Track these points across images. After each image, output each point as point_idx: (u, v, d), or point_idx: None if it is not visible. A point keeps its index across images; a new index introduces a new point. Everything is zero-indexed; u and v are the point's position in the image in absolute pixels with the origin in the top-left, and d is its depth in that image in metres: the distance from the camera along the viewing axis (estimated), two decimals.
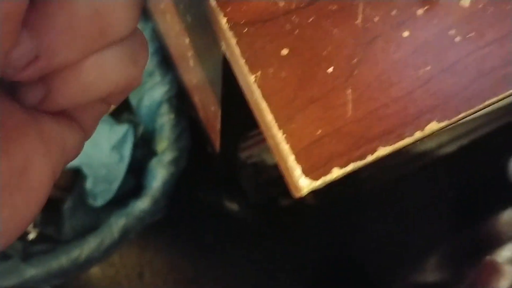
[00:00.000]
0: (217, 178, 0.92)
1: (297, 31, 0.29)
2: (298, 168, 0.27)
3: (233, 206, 0.94)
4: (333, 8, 0.29)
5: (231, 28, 0.28)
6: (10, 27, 0.13)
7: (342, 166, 0.28)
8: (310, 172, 0.27)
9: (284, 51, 0.29)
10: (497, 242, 0.71)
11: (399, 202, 1.01)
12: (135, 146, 0.72)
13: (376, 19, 0.29)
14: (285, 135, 0.28)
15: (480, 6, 0.30)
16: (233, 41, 0.28)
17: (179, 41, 0.59)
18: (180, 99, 0.66)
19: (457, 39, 0.29)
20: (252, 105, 0.29)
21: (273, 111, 0.28)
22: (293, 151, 0.27)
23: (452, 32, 0.29)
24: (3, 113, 0.14)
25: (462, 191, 1.01)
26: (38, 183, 0.15)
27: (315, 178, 0.27)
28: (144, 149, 0.72)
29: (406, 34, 0.29)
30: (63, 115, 0.17)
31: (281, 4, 0.29)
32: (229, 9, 0.29)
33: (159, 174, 0.62)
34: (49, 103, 0.16)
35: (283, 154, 0.28)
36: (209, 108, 0.58)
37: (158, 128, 0.63)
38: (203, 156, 0.74)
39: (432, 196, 1.01)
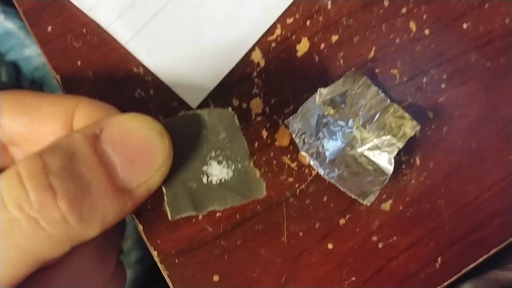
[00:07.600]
0: None
1: (226, 255, 0.30)
2: None
3: None
4: (259, 228, 0.30)
5: (162, 261, 0.29)
6: None
7: None
8: None
9: (216, 278, 0.30)
10: None
11: None
12: None
13: (300, 234, 0.30)
14: None
15: (400, 208, 0.31)
16: (165, 273, 0.30)
17: None
18: None
19: (380, 245, 0.31)
20: None
21: None
22: None
23: (374, 238, 0.31)
24: None
25: None
26: None
27: None
28: None
29: (330, 246, 0.31)
30: None
31: (210, 229, 0.30)
32: (159, 240, 0.30)
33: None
34: None
35: None
36: None
37: None
38: None
39: None
